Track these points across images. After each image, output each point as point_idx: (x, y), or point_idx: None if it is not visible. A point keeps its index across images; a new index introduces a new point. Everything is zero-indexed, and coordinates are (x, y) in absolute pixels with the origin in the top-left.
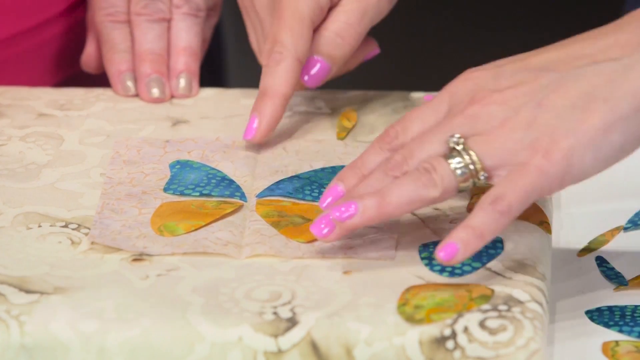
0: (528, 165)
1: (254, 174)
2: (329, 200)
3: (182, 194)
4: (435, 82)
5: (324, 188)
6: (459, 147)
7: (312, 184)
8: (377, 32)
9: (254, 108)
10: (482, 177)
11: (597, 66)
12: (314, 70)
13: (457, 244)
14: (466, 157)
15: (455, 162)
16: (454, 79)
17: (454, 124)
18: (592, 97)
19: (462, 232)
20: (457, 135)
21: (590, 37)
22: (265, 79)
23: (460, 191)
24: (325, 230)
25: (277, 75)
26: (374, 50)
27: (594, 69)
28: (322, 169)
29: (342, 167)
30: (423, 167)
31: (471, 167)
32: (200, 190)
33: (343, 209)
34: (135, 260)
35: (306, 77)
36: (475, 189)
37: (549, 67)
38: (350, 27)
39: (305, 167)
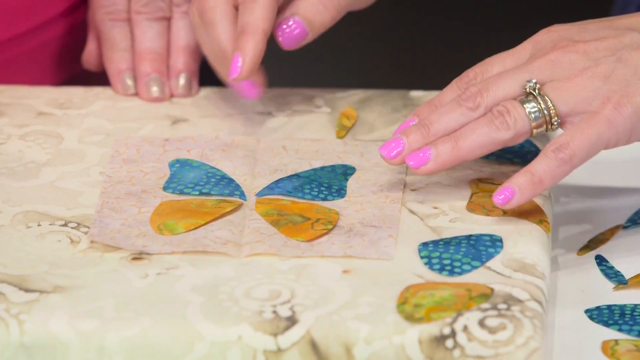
0: (598, 114)
1: (254, 172)
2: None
3: (181, 192)
4: (434, 80)
5: (324, 187)
6: (535, 92)
7: (311, 182)
8: (377, 30)
9: (236, 47)
10: (555, 123)
11: None
12: (290, 30)
13: (515, 188)
14: (541, 102)
15: (530, 107)
16: (540, 31)
17: (534, 67)
18: None
19: (521, 177)
20: (534, 80)
21: None
22: (244, 16)
23: (532, 136)
24: (394, 153)
25: (255, 11)
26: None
27: None
28: (322, 168)
29: (342, 165)
30: (497, 110)
31: (545, 112)
32: (199, 189)
33: (419, 155)
34: (134, 259)
35: (281, 37)
36: (475, 188)
37: (633, 27)
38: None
39: (304, 166)
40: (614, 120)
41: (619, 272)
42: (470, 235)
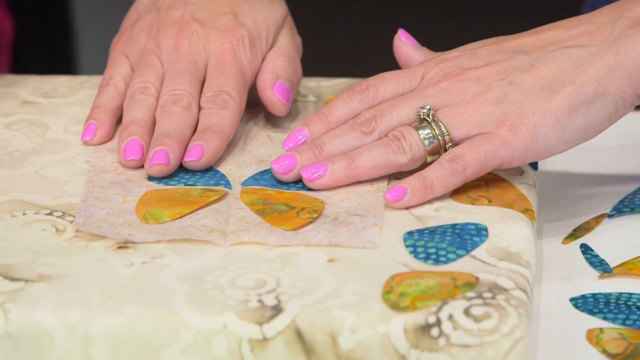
0: (493, 134)
1: (239, 162)
2: (291, 145)
3: (166, 184)
4: None
5: None
6: (429, 118)
7: None
8: (362, 18)
9: (198, 138)
10: (449, 148)
11: (567, 51)
12: (284, 91)
13: (407, 189)
14: (435, 128)
15: (424, 133)
16: (430, 58)
17: (427, 94)
18: (560, 79)
19: (414, 179)
20: (428, 107)
21: (562, 25)
22: (210, 118)
23: (427, 162)
24: (286, 169)
25: (225, 117)
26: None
27: (563, 53)
28: None
29: None
30: (393, 135)
31: (440, 137)
32: (185, 180)
33: (313, 170)
34: (120, 247)
35: (281, 97)
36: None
37: (522, 49)
38: (295, 59)
39: None
40: (509, 140)
41: (603, 260)
42: (456, 224)
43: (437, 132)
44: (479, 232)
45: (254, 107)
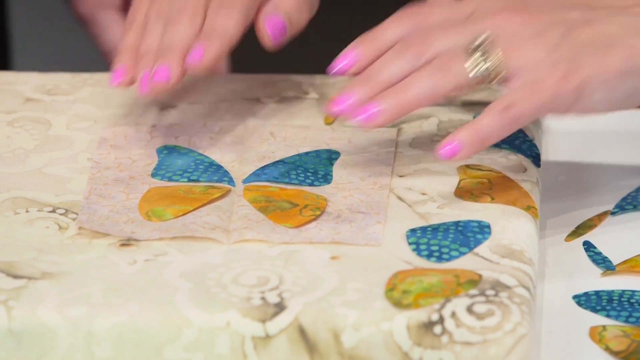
0: (544, 82)
1: (241, 159)
2: (340, 66)
3: (170, 179)
4: None
5: (310, 172)
6: (482, 48)
7: (297, 168)
8: (365, 17)
9: (202, 39)
10: (498, 81)
11: (623, 17)
12: (277, 25)
13: (460, 144)
14: (488, 58)
15: (474, 61)
16: None
17: (482, 23)
18: (616, 41)
19: (466, 132)
20: (484, 35)
21: None
22: (218, 18)
23: (472, 91)
24: (344, 105)
25: (232, 16)
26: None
27: (620, 19)
28: (307, 153)
29: (326, 150)
30: (441, 60)
31: (490, 69)
32: (188, 175)
33: (366, 110)
34: (122, 245)
35: (268, 28)
36: (463, 174)
37: (581, 4)
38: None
39: (292, 153)
40: (559, 90)
41: (606, 258)
42: (458, 222)
43: (488, 63)
44: (482, 230)
45: (257, 103)
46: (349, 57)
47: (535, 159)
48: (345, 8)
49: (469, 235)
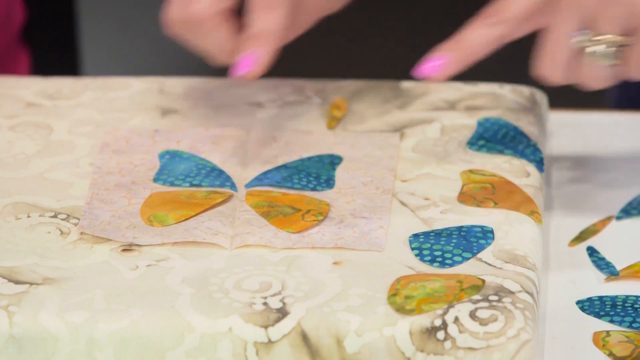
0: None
1: (244, 163)
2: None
3: (172, 184)
4: None
5: (312, 177)
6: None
7: (299, 172)
8: (369, 20)
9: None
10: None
11: None
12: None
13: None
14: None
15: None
16: None
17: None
18: None
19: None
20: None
21: None
22: (260, 23)
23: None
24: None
25: (275, 18)
26: None
27: None
28: (309, 158)
29: (329, 155)
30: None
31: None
32: (190, 180)
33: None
34: (124, 250)
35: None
36: (466, 179)
37: None
38: None
39: (294, 158)
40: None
41: (610, 263)
42: (461, 227)
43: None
44: (485, 235)
45: (259, 107)
46: (437, 60)
47: (539, 163)
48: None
49: (472, 240)
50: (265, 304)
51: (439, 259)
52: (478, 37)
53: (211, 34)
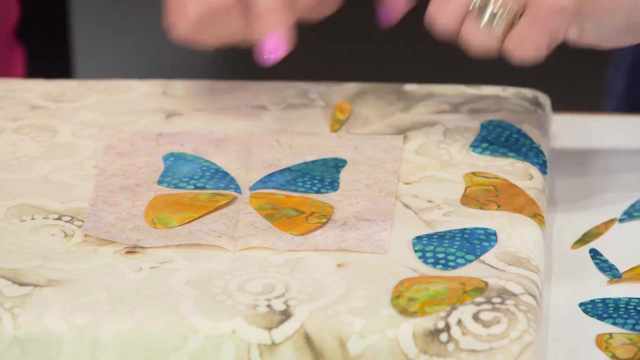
0: None
1: (247, 166)
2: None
3: (176, 187)
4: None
5: (316, 179)
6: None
7: (304, 175)
8: (372, 23)
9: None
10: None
11: None
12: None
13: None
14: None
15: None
16: None
17: None
18: None
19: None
20: None
21: None
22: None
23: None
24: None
25: None
26: None
27: None
28: (313, 162)
29: (333, 158)
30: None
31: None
32: (194, 183)
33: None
34: (128, 252)
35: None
36: (469, 182)
37: None
38: None
39: (298, 161)
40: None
41: (613, 265)
42: (465, 229)
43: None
44: (488, 237)
45: (263, 110)
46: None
47: (542, 166)
48: (352, 15)
49: (475, 242)
50: (268, 306)
51: (442, 262)
52: None
53: (233, 23)
